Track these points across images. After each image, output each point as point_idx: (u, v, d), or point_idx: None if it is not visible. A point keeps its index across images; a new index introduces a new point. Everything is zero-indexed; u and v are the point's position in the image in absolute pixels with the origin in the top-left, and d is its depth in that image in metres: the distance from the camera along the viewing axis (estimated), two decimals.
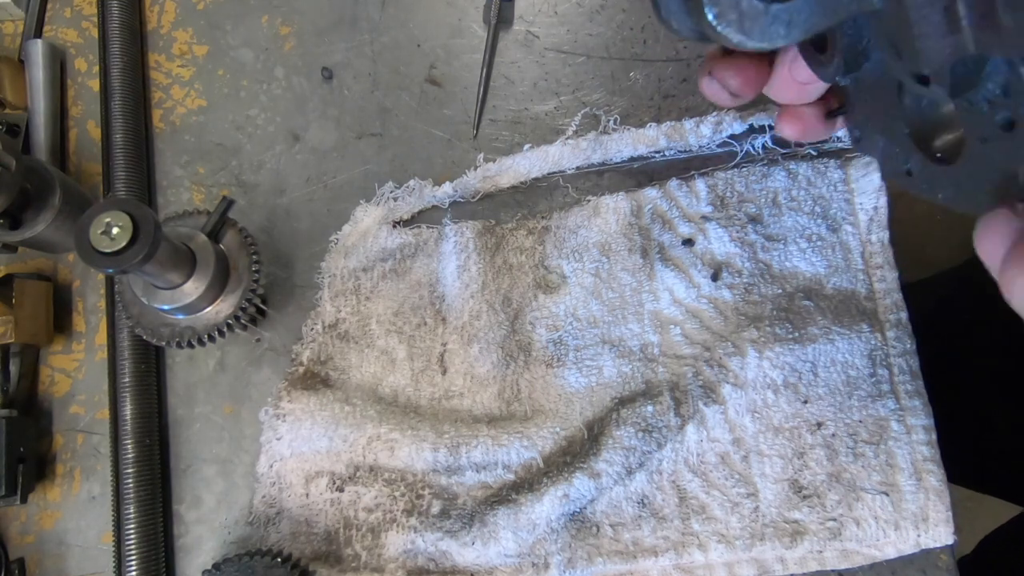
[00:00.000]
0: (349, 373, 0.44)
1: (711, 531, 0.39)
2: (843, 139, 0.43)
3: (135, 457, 0.42)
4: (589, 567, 0.39)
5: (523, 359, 0.43)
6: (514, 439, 0.40)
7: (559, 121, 0.47)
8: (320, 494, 0.42)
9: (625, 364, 0.42)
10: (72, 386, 0.46)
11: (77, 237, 0.33)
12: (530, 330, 0.43)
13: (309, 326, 0.45)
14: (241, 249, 0.41)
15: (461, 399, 0.43)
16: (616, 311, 0.43)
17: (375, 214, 0.45)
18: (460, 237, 0.44)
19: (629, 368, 0.42)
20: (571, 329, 0.43)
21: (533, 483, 0.40)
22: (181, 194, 0.48)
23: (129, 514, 0.41)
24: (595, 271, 0.43)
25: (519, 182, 0.46)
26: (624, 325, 0.42)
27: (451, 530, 0.40)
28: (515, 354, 0.43)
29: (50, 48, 0.49)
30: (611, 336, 0.42)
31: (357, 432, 0.41)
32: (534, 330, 0.43)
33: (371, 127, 0.48)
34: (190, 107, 0.49)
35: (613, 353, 0.42)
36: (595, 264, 0.43)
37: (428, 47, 0.49)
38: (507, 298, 0.44)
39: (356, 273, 0.45)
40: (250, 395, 0.45)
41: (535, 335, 0.43)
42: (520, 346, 0.43)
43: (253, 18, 0.50)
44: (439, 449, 0.40)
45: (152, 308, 0.40)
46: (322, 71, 0.49)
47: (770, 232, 0.43)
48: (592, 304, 0.43)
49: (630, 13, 0.48)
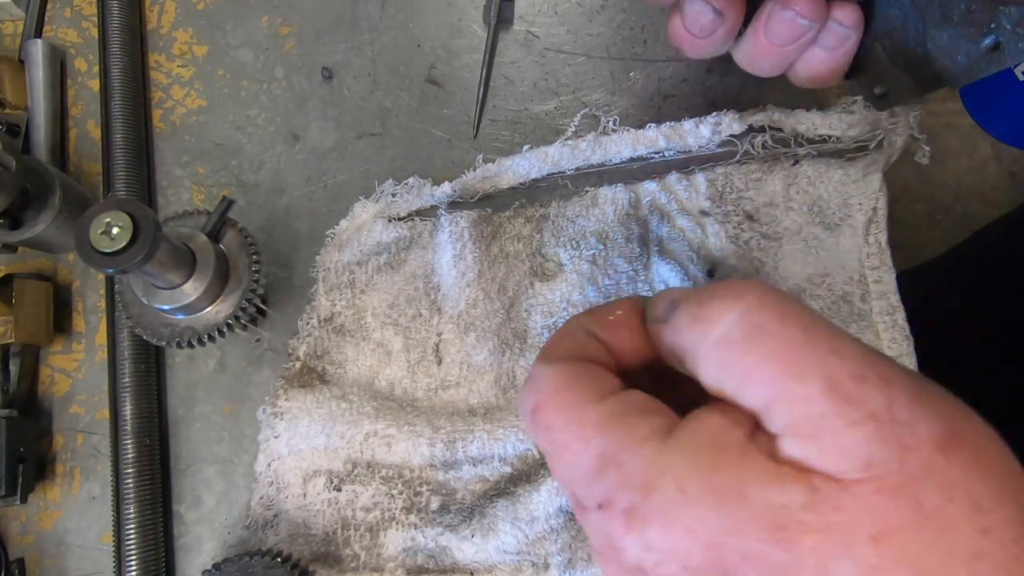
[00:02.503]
0: (345, 367, 0.44)
1: None
2: (842, 139, 0.43)
3: (135, 457, 0.42)
4: (589, 568, 0.39)
5: (519, 346, 0.43)
6: (509, 432, 0.40)
7: (559, 121, 0.47)
8: (318, 494, 0.42)
9: None
10: (72, 386, 0.46)
11: (77, 237, 0.33)
12: (526, 317, 0.43)
13: (305, 320, 0.45)
14: (241, 249, 0.41)
15: (457, 388, 0.43)
16: (612, 298, 0.43)
17: (373, 210, 0.45)
18: (455, 227, 0.44)
19: None
20: (566, 315, 0.43)
21: (531, 475, 0.40)
22: (181, 194, 0.48)
23: (129, 514, 0.41)
24: (592, 258, 0.43)
25: (518, 183, 0.46)
26: None
27: (451, 524, 0.40)
28: (511, 342, 0.43)
29: (50, 48, 0.49)
30: None
31: (354, 429, 0.41)
32: (529, 317, 0.43)
33: (371, 127, 0.48)
34: (190, 107, 0.49)
35: None
36: (592, 251, 0.43)
37: (428, 47, 0.49)
38: (503, 286, 0.44)
39: (351, 267, 0.45)
40: (250, 395, 0.45)
41: (531, 322, 0.43)
42: (516, 334, 0.43)
43: (253, 18, 0.50)
44: (435, 444, 0.40)
45: (152, 308, 0.40)
46: (322, 71, 0.49)
47: (766, 231, 0.43)
48: (588, 290, 0.43)
49: (630, 13, 0.48)
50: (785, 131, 0.44)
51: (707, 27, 0.29)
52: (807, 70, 0.31)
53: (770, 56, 0.31)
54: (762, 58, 0.31)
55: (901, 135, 0.42)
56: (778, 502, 0.19)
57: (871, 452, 0.18)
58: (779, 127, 0.44)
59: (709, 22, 0.29)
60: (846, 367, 0.19)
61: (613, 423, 0.22)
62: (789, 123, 0.43)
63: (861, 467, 0.18)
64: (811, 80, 0.32)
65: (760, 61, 0.31)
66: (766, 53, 0.30)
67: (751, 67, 0.32)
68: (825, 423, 0.19)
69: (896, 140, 0.42)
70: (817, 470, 0.19)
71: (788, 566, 0.18)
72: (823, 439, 0.19)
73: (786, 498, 0.18)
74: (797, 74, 0.32)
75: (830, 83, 0.32)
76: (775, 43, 0.30)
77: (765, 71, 0.32)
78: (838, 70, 0.31)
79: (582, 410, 0.22)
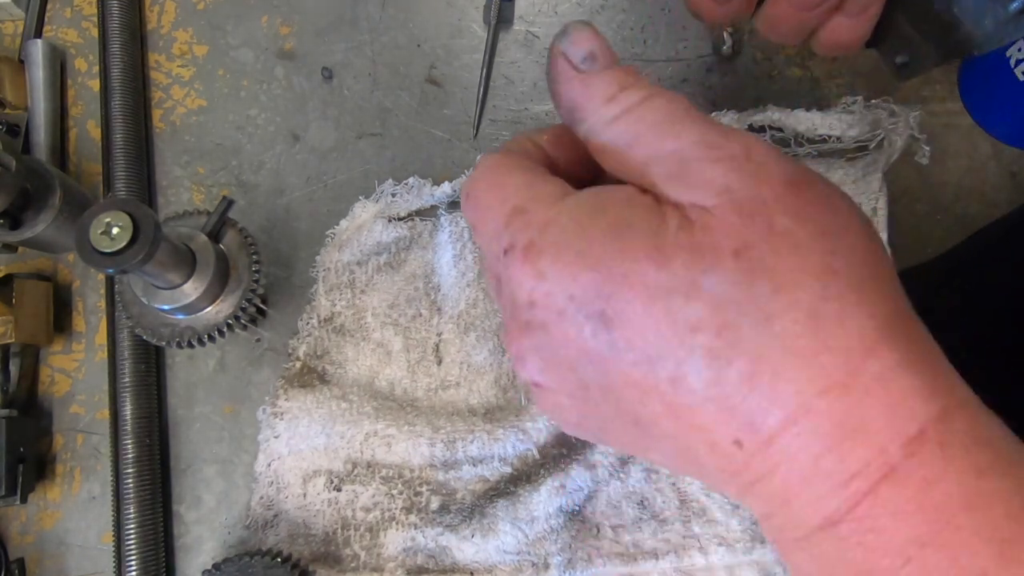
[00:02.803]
0: (345, 367, 0.44)
1: (712, 534, 0.39)
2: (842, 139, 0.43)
3: (135, 457, 0.42)
4: (589, 568, 0.39)
5: None
6: (509, 432, 0.40)
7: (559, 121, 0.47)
8: (318, 494, 0.42)
9: None
10: (72, 386, 0.46)
11: (77, 237, 0.33)
12: None
13: (305, 320, 0.45)
14: (241, 249, 0.41)
15: (457, 388, 0.43)
16: None
17: (372, 210, 0.45)
18: (455, 227, 0.44)
19: None
20: None
21: (531, 475, 0.40)
22: (181, 194, 0.48)
23: (129, 514, 0.41)
24: None
25: None
26: None
27: (451, 524, 0.40)
28: None
29: (50, 48, 0.49)
30: None
31: (354, 429, 0.41)
32: None
33: (371, 127, 0.48)
34: (190, 107, 0.49)
35: None
36: None
37: (428, 47, 0.49)
38: None
39: (351, 267, 0.45)
40: (250, 395, 0.45)
41: None
42: None
43: (253, 18, 0.50)
44: (435, 444, 0.40)
45: (152, 308, 0.40)
46: (322, 71, 0.49)
47: None
48: None
49: (630, 13, 0.48)
50: (785, 131, 0.43)
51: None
52: (830, 37, 0.31)
53: (792, 22, 0.31)
54: (784, 24, 0.31)
55: (901, 135, 0.42)
56: (656, 227, 0.21)
57: (729, 181, 0.21)
58: (779, 127, 0.43)
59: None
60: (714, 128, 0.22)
61: (527, 185, 0.24)
62: (789, 123, 0.43)
63: (720, 192, 0.21)
64: (833, 47, 0.32)
65: (782, 27, 0.31)
66: (788, 19, 0.30)
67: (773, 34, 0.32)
68: (693, 164, 0.21)
69: (896, 140, 0.42)
70: (687, 203, 0.21)
71: (661, 283, 0.20)
72: (690, 177, 0.21)
73: (664, 225, 0.21)
74: (819, 41, 0.32)
75: (852, 51, 0.32)
76: (798, 7, 0.30)
77: (787, 38, 0.32)
78: (860, 37, 0.31)
79: (508, 177, 0.25)
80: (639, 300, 0.20)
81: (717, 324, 0.20)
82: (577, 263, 0.21)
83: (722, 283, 0.20)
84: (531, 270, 0.22)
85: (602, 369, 0.22)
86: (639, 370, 0.21)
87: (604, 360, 0.21)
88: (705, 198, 0.21)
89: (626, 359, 0.21)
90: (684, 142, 0.22)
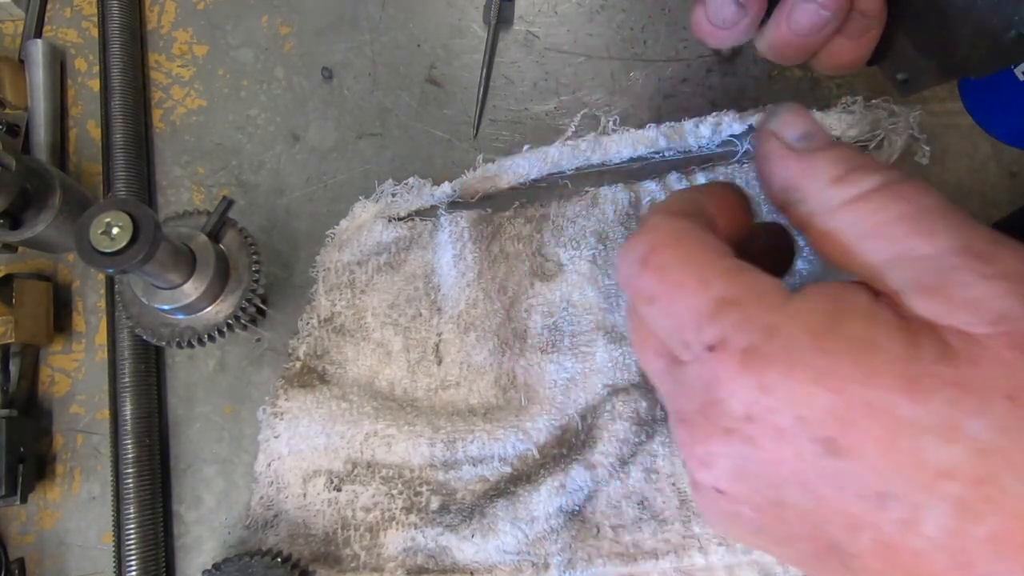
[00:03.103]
0: (345, 367, 0.44)
1: (712, 534, 0.39)
2: (843, 139, 0.43)
3: (135, 457, 0.42)
4: (589, 568, 0.39)
5: (518, 346, 0.43)
6: (509, 432, 0.40)
7: (559, 121, 0.47)
8: (317, 494, 0.42)
9: (616, 349, 0.42)
10: (72, 386, 0.46)
11: (77, 237, 0.33)
12: (525, 317, 0.43)
13: (305, 320, 0.45)
14: (241, 249, 0.41)
15: (457, 388, 0.43)
16: (611, 298, 0.43)
17: (372, 210, 0.45)
18: (455, 227, 0.44)
19: (619, 353, 0.42)
20: (566, 315, 0.43)
21: (531, 475, 0.40)
22: (181, 194, 0.48)
23: (129, 514, 0.41)
24: (592, 258, 0.43)
25: (518, 183, 0.46)
26: (619, 312, 0.42)
27: (451, 524, 0.40)
28: (511, 342, 0.43)
29: (50, 48, 0.49)
30: (605, 323, 0.42)
31: (354, 429, 0.41)
32: (529, 317, 0.43)
33: (371, 127, 0.48)
34: (190, 107, 0.49)
35: (606, 339, 0.42)
36: (592, 251, 0.43)
37: (428, 47, 0.49)
38: (503, 286, 0.44)
39: (351, 267, 0.45)
40: (250, 395, 0.45)
41: (530, 322, 0.43)
42: (516, 334, 0.43)
43: (253, 18, 0.50)
44: (435, 444, 0.40)
45: (152, 308, 0.40)
46: (322, 71, 0.49)
47: None
48: (588, 290, 0.43)
49: (630, 13, 0.48)
50: None
51: (730, 19, 0.29)
52: (831, 58, 0.31)
53: (793, 46, 0.31)
54: (785, 48, 0.31)
55: (901, 135, 0.42)
56: (908, 353, 0.18)
57: (1003, 307, 0.17)
58: None
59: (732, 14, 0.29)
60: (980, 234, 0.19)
61: (735, 273, 0.21)
62: None
63: (992, 321, 0.17)
64: (834, 68, 0.32)
65: (783, 51, 0.31)
66: (789, 43, 0.31)
67: (774, 56, 0.32)
68: (955, 276, 0.18)
69: (896, 140, 0.42)
70: (945, 325, 0.18)
71: (915, 418, 0.17)
72: (952, 293, 0.18)
73: (918, 351, 0.18)
74: (821, 62, 0.32)
75: (853, 70, 0.32)
76: (798, 33, 0.30)
77: (789, 60, 0.32)
78: (861, 58, 0.31)
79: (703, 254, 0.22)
80: (882, 433, 0.18)
81: (976, 474, 0.17)
82: (813, 384, 0.19)
83: (990, 429, 0.17)
84: (753, 381, 0.19)
85: (813, 495, 0.19)
86: (862, 504, 0.18)
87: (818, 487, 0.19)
88: (973, 324, 0.18)
89: (849, 491, 0.18)
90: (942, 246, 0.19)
